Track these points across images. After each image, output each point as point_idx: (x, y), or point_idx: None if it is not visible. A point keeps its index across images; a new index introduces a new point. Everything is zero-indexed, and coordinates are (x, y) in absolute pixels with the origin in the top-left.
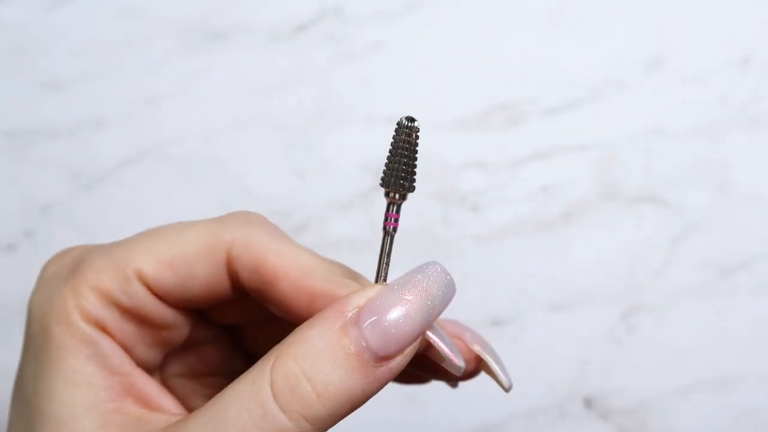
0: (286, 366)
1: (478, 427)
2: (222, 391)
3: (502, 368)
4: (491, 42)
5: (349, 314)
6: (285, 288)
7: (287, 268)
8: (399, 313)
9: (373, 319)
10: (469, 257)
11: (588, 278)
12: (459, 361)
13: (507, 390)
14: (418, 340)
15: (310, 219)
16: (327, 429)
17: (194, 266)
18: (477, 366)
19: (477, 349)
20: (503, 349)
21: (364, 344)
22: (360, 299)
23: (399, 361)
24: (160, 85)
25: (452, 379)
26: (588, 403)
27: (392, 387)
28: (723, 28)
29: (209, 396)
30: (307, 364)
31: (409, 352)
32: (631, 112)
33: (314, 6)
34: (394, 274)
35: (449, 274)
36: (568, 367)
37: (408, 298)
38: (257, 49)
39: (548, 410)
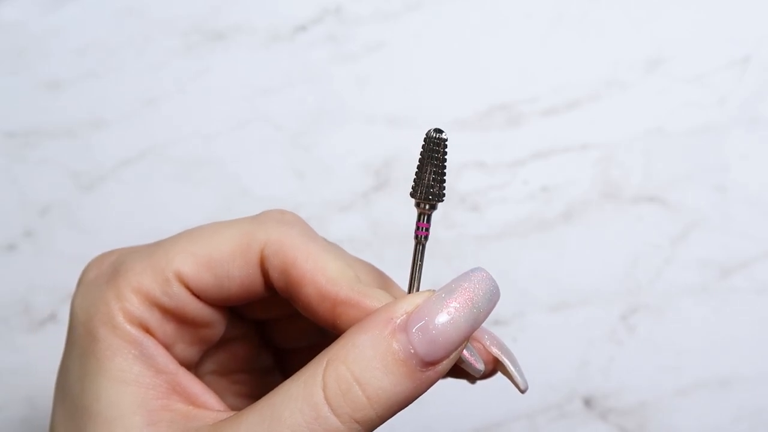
0: (338, 371)
1: (478, 427)
2: (273, 392)
3: (519, 370)
4: (491, 42)
5: (398, 321)
6: (310, 293)
7: (313, 273)
8: (445, 320)
9: (420, 325)
10: (469, 257)
11: (588, 278)
12: (479, 364)
13: (523, 391)
14: (463, 346)
15: (310, 219)
16: (375, 428)
17: (230, 266)
18: (494, 367)
19: (495, 351)
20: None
21: (412, 351)
22: (408, 306)
23: (445, 365)
24: (160, 85)
25: (468, 378)
26: (588, 403)
27: None
28: (723, 28)
29: (239, 393)
30: (358, 369)
31: (455, 356)
32: (631, 112)
33: (314, 6)
34: (395, 272)
35: (494, 281)
36: (568, 367)
37: (454, 305)
38: (257, 49)
39: (548, 410)
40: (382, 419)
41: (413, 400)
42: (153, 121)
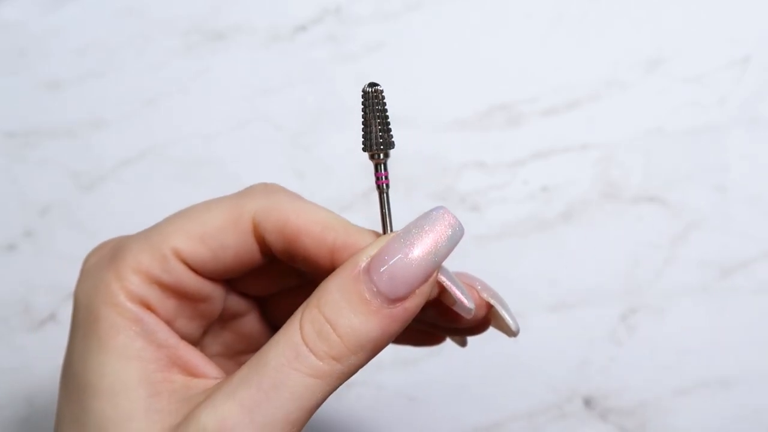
0: (312, 314)
1: (478, 427)
2: (263, 346)
3: (510, 314)
4: (491, 42)
5: (362, 264)
6: (308, 243)
7: (308, 224)
8: (405, 259)
9: (383, 266)
10: (469, 257)
11: (588, 278)
12: (469, 303)
13: (515, 333)
14: (430, 282)
15: None
16: (359, 366)
17: (224, 238)
18: (487, 314)
19: (485, 296)
20: (504, 349)
21: (375, 290)
22: (372, 250)
23: (413, 302)
24: (160, 85)
25: (463, 332)
26: (588, 403)
27: (393, 387)
28: (723, 28)
29: None
30: (328, 310)
31: (421, 293)
32: (631, 112)
33: (314, 6)
34: None
35: (455, 218)
36: (568, 367)
37: (414, 243)
38: (257, 49)
39: (548, 410)
40: (360, 358)
41: (389, 339)
42: (153, 121)
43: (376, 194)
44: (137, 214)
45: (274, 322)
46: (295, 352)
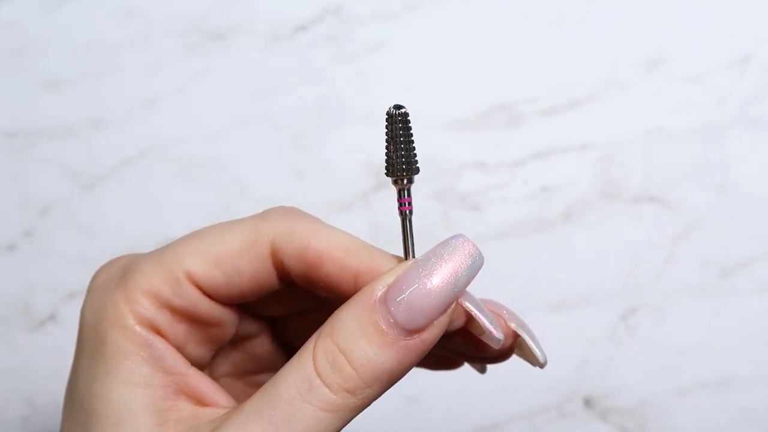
0: (325, 344)
1: (478, 427)
2: (275, 375)
3: (537, 344)
4: (491, 42)
5: (379, 293)
6: (330, 269)
7: (331, 249)
8: (423, 289)
9: (399, 296)
10: None
11: (588, 278)
12: (498, 333)
13: (543, 366)
14: (449, 312)
15: None
16: (373, 398)
17: (239, 262)
18: (513, 344)
19: (513, 326)
20: None
21: (392, 321)
22: (389, 278)
23: (431, 333)
24: (160, 85)
25: (485, 360)
26: (588, 403)
27: (393, 387)
28: (723, 28)
29: None
30: (343, 341)
31: (440, 324)
32: (631, 112)
33: (314, 6)
34: None
35: (475, 246)
36: (568, 367)
37: (433, 273)
38: (257, 49)
39: (548, 410)
40: (374, 390)
41: (405, 370)
42: (153, 121)
43: (376, 194)
44: (137, 214)
45: (286, 343)
46: (308, 384)
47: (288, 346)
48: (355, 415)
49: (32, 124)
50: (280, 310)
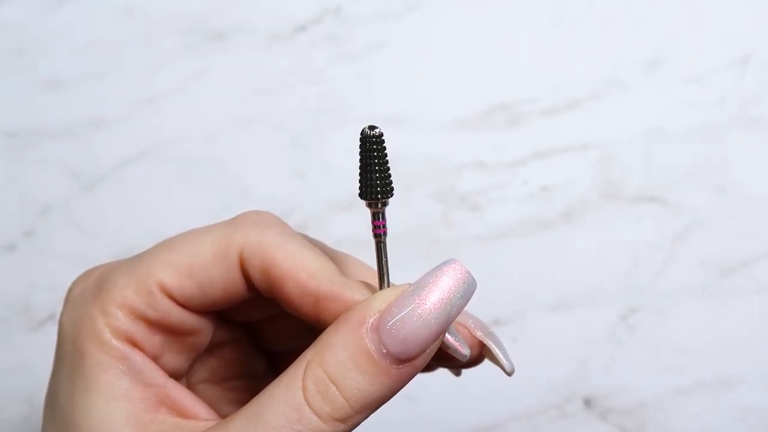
0: (315, 373)
1: (478, 427)
2: (257, 396)
3: (504, 353)
4: (491, 42)
5: (370, 321)
6: (291, 291)
7: (294, 270)
8: (417, 318)
9: (391, 324)
10: (468, 257)
11: (588, 278)
12: (464, 350)
13: (509, 374)
14: (440, 340)
15: (310, 219)
16: (360, 422)
17: (211, 271)
18: (481, 351)
19: (479, 335)
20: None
21: (384, 351)
22: (380, 304)
23: (422, 360)
24: (160, 85)
25: (457, 366)
26: (588, 403)
27: None
28: (723, 28)
29: (234, 400)
30: (333, 370)
31: (431, 350)
32: (631, 112)
33: (314, 6)
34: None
35: (468, 273)
36: (568, 367)
37: (426, 301)
38: (257, 49)
39: (548, 410)
40: (365, 415)
41: (393, 395)
42: (153, 121)
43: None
44: (137, 214)
45: (262, 346)
46: (298, 414)
47: (264, 350)
48: None
49: (32, 124)
50: (253, 315)
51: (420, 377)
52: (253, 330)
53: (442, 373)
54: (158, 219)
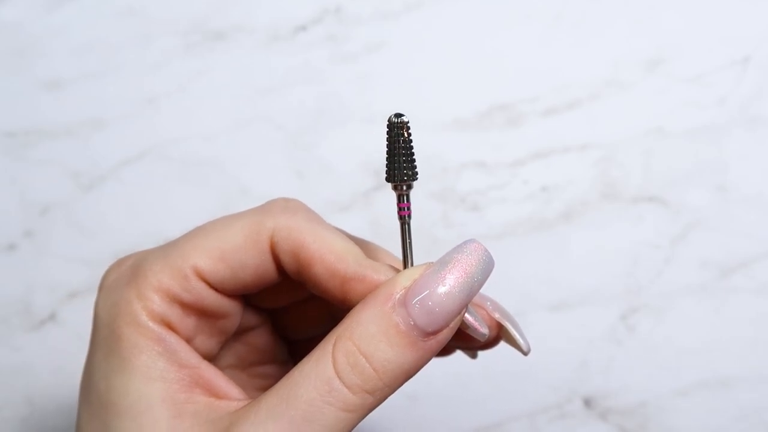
0: (346, 347)
1: (478, 427)
2: (289, 373)
3: (521, 333)
4: (491, 42)
5: (397, 296)
6: (320, 272)
7: (322, 253)
8: (442, 292)
9: (418, 298)
10: None
11: (588, 278)
12: (483, 329)
13: (526, 353)
14: (463, 313)
15: None
16: (388, 396)
17: (243, 255)
18: (498, 333)
19: (497, 316)
20: (504, 349)
21: (412, 323)
22: (406, 281)
23: (446, 334)
24: (160, 85)
25: (475, 347)
26: (588, 403)
27: None
28: (723, 28)
29: (259, 386)
30: (364, 344)
31: (455, 324)
32: (631, 112)
33: (314, 6)
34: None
35: (487, 250)
36: (568, 367)
37: (449, 276)
38: (257, 49)
39: (548, 410)
40: (392, 388)
41: (419, 369)
42: (153, 121)
43: (376, 194)
44: (137, 214)
45: (284, 334)
46: (328, 386)
47: (287, 338)
48: (370, 412)
49: (32, 124)
50: (279, 301)
51: (420, 376)
52: (276, 317)
53: (443, 372)
54: (158, 219)
